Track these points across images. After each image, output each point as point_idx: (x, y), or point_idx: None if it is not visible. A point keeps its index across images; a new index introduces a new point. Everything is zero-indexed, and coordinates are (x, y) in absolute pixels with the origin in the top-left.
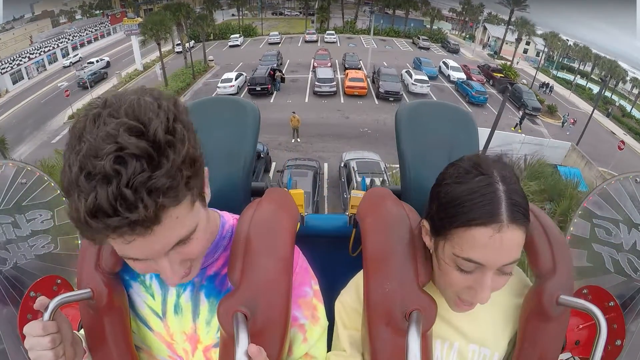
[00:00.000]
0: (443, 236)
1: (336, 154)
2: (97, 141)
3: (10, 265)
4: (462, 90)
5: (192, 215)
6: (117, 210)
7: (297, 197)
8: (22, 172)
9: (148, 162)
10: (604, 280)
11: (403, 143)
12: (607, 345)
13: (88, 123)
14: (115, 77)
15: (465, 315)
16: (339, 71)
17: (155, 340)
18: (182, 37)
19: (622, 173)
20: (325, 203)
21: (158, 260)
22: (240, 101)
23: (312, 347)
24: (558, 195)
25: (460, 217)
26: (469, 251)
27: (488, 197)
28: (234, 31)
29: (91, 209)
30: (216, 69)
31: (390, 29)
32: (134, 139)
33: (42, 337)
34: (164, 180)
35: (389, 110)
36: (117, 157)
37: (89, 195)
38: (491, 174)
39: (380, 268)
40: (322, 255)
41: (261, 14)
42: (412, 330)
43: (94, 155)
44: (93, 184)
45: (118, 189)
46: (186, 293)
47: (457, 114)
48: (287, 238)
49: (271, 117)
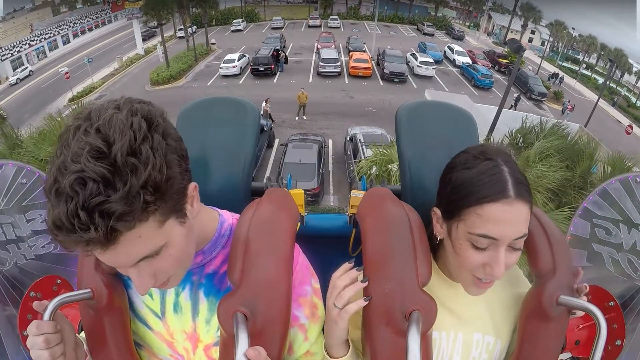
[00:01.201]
0: (457, 218)
1: (341, 131)
2: (67, 158)
3: (10, 265)
4: (467, 74)
5: (159, 233)
6: (75, 228)
7: (297, 197)
8: (22, 172)
9: (104, 185)
10: (604, 280)
11: (403, 143)
12: (607, 345)
13: (70, 135)
14: (116, 61)
15: (467, 304)
16: (343, 54)
17: (155, 340)
18: (184, 19)
19: (626, 160)
20: (331, 177)
21: (127, 270)
22: (241, 101)
23: (312, 345)
24: (577, 156)
25: (472, 196)
26: (483, 227)
27: (496, 177)
28: (237, 16)
29: (55, 223)
30: (218, 52)
31: (394, 15)
32: (93, 161)
33: (37, 336)
34: (118, 205)
35: (394, 91)
36: (77, 178)
37: (55, 210)
38: (496, 159)
39: (380, 268)
40: (322, 255)
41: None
42: (412, 330)
43: (61, 172)
44: (59, 200)
45: (75, 209)
46: (185, 292)
47: (458, 114)
48: (287, 238)
49: (274, 96)
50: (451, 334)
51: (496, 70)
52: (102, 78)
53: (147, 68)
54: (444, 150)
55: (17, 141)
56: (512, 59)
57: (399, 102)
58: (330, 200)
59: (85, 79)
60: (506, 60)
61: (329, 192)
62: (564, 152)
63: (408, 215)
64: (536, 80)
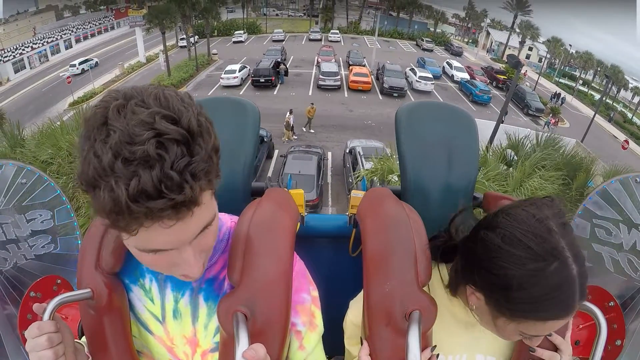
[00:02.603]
0: (509, 317)
1: (340, 144)
2: (132, 128)
3: (10, 265)
4: (465, 90)
5: (212, 203)
6: (162, 192)
7: (297, 197)
8: (22, 172)
9: (186, 147)
10: (604, 280)
11: (403, 143)
12: (607, 345)
13: (112, 114)
14: (117, 68)
15: (469, 327)
16: (343, 67)
17: (156, 344)
18: (186, 29)
19: (622, 174)
20: (330, 189)
21: (183, 250)
22: (241, 101)
23: (309, 355)
24: (574, 170)
25: (535, 314)
26: (538, 332)
27: (566, 293)
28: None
29: (134, 193)
30: (220, 62)
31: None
32: (171, 125)
33: (38, 337)
34: (202, 165)
35: (393, 105)
36: (157, 142)
37: (131, 180)
38: (565, 257)
39: (380, 268)
40: (322, 255)
41: (266, 9)
42: (412, 330)
43: (128, 142)
44: (132, 169)
45: (162, 171)
46: (185, 298)
47: (457, 114)
48: (287, 238)
49: (274, 107)
50: (457, 357)
51: (494, 86)
52: (103, 84)
53: (149, 76)
54: (444, 150)
55: (20, 141)
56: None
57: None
58: (328, 212)
59: (86, 85)
60: (504, 76)
61: (328, 203)
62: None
63: (408, 215)
64: (533, 96)
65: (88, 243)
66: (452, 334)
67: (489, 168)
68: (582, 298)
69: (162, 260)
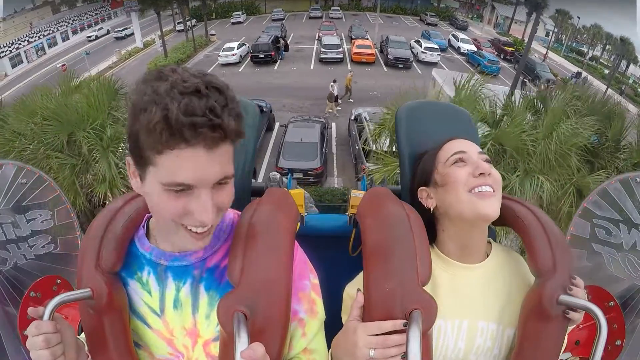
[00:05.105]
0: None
1: (344, 115)
2: (185, 76)
3: (10, 265)
4: (473, 61)
5: (231, 162)
6: (206, 114)
7: (297, 197)
8: (22, 172)
9: (225, 97)
10: (604, 280)
11: (403, 143)
12: (607, 345)
13: (167, 71)
14: (115, 54)
15: (471, 292)
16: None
17: (154, 338)
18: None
19: (622, 174)
20: (335, 159)
21: (203, 192)
22: (241, 101)
23: (310, 342)
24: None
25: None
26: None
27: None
28: (237, 9)
29: (185, 109)
30: (218, 43)
31: (396, 6)
32: (214, 80)
33: (36, 336)
34: (237, 110)
35: (399, 76)
36: (207, 83)
37: (183, 100)
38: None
39: (381, 267)
40: (322, 255)
41: None
42: (412, 330)
43: (184, 81)
44: (186, 97)
45: (208, 102)
46: (186, 287)
47: (457, 113)
48: (287, 238)
49: (275, 82)
50: (456, 322)
51: (502, 58)
52: (99, 71)
53: (146, 60)
54: None
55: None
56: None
57: (404, 87)
58: (334, 182)
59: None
60: (512, 48)
61: (333, 173)
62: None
63: (408, 215)
64: (543, 67)
65: (88, 242)
66: (453, 298)
67: (515, 113)
68: None
69: (179, 203)
